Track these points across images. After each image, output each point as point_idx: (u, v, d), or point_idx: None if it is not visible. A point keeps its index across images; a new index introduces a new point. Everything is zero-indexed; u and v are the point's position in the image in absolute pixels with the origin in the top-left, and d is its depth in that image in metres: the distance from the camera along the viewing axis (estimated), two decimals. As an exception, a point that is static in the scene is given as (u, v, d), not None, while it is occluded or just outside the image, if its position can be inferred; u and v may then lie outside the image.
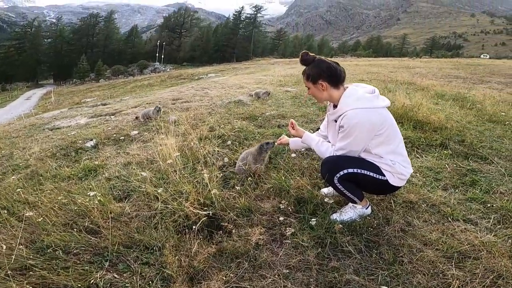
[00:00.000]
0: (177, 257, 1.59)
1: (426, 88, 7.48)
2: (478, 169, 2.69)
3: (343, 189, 1.81)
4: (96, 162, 3.08)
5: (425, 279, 1.49)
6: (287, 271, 1.56)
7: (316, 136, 2.02)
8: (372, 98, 1.74)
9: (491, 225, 1.89)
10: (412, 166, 2.70)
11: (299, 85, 8.69)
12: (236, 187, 2.27)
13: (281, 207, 2.01)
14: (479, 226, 1.89)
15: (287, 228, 1.83)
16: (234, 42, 72.10)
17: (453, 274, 1.50)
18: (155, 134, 3.87)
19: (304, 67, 1.87)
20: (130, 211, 2.02)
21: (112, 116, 6.16)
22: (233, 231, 1.84)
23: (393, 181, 1.81)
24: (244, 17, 77.69)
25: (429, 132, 3.57)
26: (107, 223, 1.83)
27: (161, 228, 1.82)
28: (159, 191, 2.08)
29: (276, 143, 2.33)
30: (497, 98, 7.01)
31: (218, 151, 3.03)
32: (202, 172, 2.17)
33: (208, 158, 2.72)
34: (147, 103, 7.51)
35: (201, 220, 1.81)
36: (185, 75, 30.87)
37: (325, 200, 2.01)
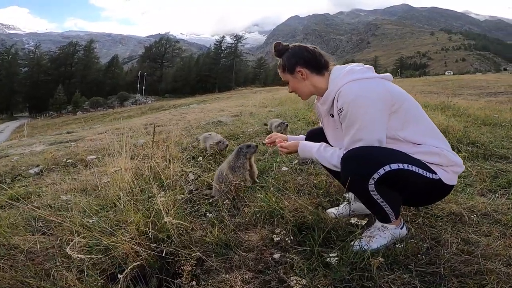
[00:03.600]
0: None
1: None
2: (505, 169, 2.36)
3: (380, 200, 1.21)
4: (30, 190, 2.45)
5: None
6: None
7: (316, 143, 1.46)
8: (365, 70, 1.34)
9: None
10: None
11: (282, 106, 8.44)
12: (208, 214, 1.64)
13: (275, 238, 1.36)
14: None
15: (289, 271, 1.15)
16: (216, 72, 72.93)
17: None
18: (117, 158, 3.26)
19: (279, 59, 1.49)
20: (47, 246, 1.35)
21: (73, 143, 5.43)
22: (200, 279, 1.18)
23: (447, 178, 1.25)
24: (225, 46, 79.91)
25: (435, 138, 3.21)
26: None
27: (85, 272, 1.16)
28: (90, 221, 1.41)
29: (276, 144, 1.59)
30: (479, 104, 7.11)
31: (189, 171, 2.42)
32: (159, 195, 1.52)
33: (175, 180, 2.09)
34: (116, 129, 6.87)
35: (131, 265, 1.12)
36: (166, 107, 30.32)
37: (352, 221, 1.35)
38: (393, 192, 1.23)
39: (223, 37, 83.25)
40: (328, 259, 1.15)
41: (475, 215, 1.56)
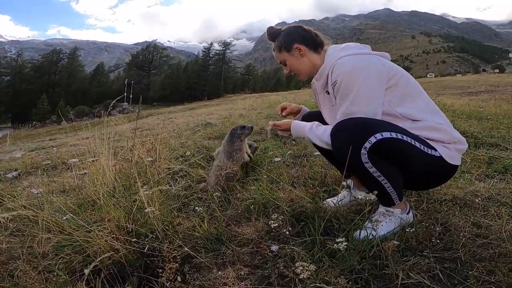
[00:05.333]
0: None
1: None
2: (499, 156, 2.37)
3: (377, 174, 1.11)
4: (7, 192, 2.30)
5: None
6: None
7: (309, 122, 1.38)
8: (361, 47, 1.31)
9: None
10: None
11: (272, 108, 8.40)
12: (197, 208, 1.51)
13: (272, 224, 1.23)
14: None
15: (290, 265, 1.03)
16: (204, 79, 72.27)
17: None
18: (99, 158, 3.11)
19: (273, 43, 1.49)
20: (15, 246, 1.21)
21: (54, 148, 5.20)
22: (187, 277, 1.05)
23: (449, 156, 1.17)
24: (213, 53, 79.76)
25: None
26: None
27: (55, 271, 1.01)
28: (64, 218, 1.26)
29: (270, 126, 1.53)
30: (463, 102, 7.33)
31: (178, 168, 2.30)
32: (142, 189, 1.37)
33: (160, 177, 1.96)
34: (101, 134, 6.64)
35: (102, 257, 0.98)
36: (155, 115, 29.99)
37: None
38: (390, 166, 1.14)
39: (211, 44, 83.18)
40: (335, 245, 1.03)
41: (479, 199, 1.49)
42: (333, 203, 1.47)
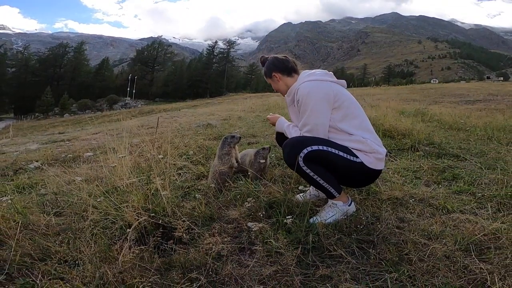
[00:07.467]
0: (102, 269, 1.23)
1: (387, 107, 7.89)
2: (454, 165, 2.68)
3: (312, 174, 1.58)
4: (35, 180, 2.71)
5: (451, 277, 1.20)
6: (261, 286, 1.23)
7: (288, 122, 1.91)
8: (323, 74, 1.75)
9: (492, 214, 1.74)
10: (389, 168, 2.59)
11: (270, 111, 8.84)
12: (197, 195, 1.96)
13: (250, 212, 1.70)
14: (480, 216, 1.71)
15: (258, 235, 1.50)
16: (207, 77, 72.50)
17: (481, 268, 1.24)
18: (116, 154, 3.55)
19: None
20: (60, 223, 1.65)
21: (68, 142, 5.65)
22: (189, 241, 1.49)
23: (369, 162, 1.62)
24: (217, 51, 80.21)
25: (398, 138, 3.68)
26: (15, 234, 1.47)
27: (92, 239, 1.47)
28: (98, 200, 1.72)
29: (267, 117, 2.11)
30: (453, 111, 7.70)
31: (182, 165, 2.75)
32: (155, 179, 1.83)
33: (168, 170, 2.40)
34: (109, 130, 7.10)
35: (137, 221, 1.45)
36: (157, 111, 30.45)
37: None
38: (321, 168, 1.59)
39: (216, 42, 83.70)
40: (285, 220, 1.52)
41: (413, 200, 1.91)
42: (301, 197, 1.93)
